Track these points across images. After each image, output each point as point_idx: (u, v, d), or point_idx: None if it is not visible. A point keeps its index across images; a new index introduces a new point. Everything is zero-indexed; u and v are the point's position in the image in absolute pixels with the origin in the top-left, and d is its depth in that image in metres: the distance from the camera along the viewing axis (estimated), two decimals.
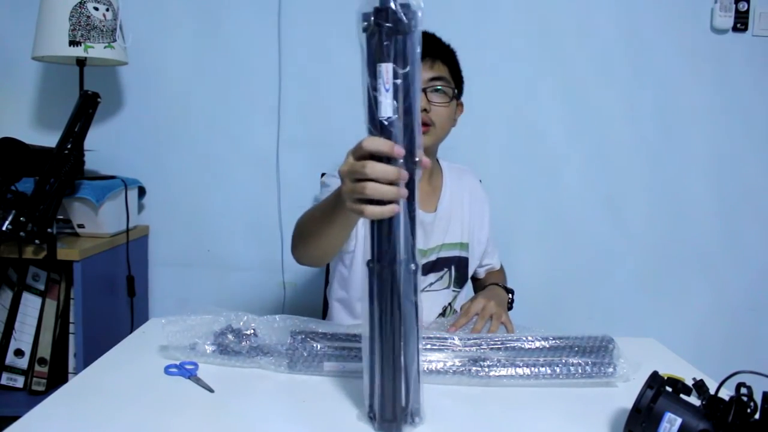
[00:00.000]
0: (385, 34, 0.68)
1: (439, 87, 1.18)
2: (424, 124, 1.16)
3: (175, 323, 0.95)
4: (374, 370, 0.76)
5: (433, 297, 1.27)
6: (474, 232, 1.33)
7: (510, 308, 1.26)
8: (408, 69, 0.69)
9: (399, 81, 0.69)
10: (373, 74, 0.69)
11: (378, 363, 0.75)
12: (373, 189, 0.69)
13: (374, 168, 0.69)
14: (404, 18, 0.68)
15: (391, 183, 0.70)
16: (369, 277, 0.74)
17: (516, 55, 1.87)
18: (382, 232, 0.72)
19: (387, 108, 0.69)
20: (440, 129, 1.20)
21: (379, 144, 0.69)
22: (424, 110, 1.16)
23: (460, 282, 1.31)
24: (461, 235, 1.30)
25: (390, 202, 0.70)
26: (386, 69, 0.68)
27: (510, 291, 1.30)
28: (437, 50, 1.21)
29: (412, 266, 0.73)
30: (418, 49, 0.70)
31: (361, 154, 0.70)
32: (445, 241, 1.27)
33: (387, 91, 0.68)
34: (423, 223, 1.25)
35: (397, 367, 0.75)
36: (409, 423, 0.76)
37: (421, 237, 1.24)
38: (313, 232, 0.95)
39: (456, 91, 1.22)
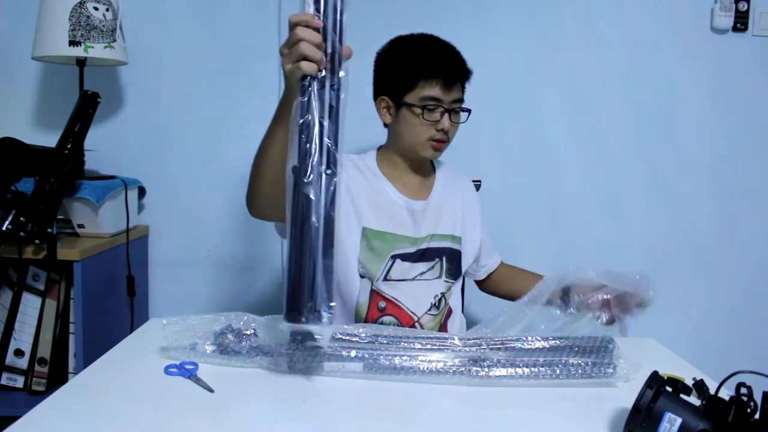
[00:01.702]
0: None
1: (459, 108, 1.26)
2: (441, 141, 1.25)
3: (175, 323, 0.95)
4: (291, 269, 0.83)
5: (424, 286, 1.27)
6: (467, 230, 1.35)
7: None
8: None
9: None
10: None
11: (291, 261, 0.83)
12: (305, 46, 0.84)
13: (303, 31, 0.84)
14: None
15: (317, 47, 0.84)
16: (294, 181, 0.83)
17: (516, 54, 1.87)
18: (303, 137, 0.84)
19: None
20: (450, 142, 1.27)
21: (303, 15, 0.85)
22: (445, 131, 1.23)
23: (453, 274, 1.31)
24: (453, 228, 1.32)
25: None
26: None
27: None
28: (463, 73, 1.26)
29: (327, 171, 0.83)
30: None
31: (293, 24, 0.85)
32: (437, 232, 1.29)
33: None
34: (414, 212, 1.27)
35: (305, 264, 0.82)
36: (315, 316, 0.81)
37: (411, 225, 1.27)
38: (262, 155, 1.01)
39: (468, 109, 1.28)
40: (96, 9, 1.59)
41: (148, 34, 1.81)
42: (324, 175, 0.83)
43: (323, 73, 0.85)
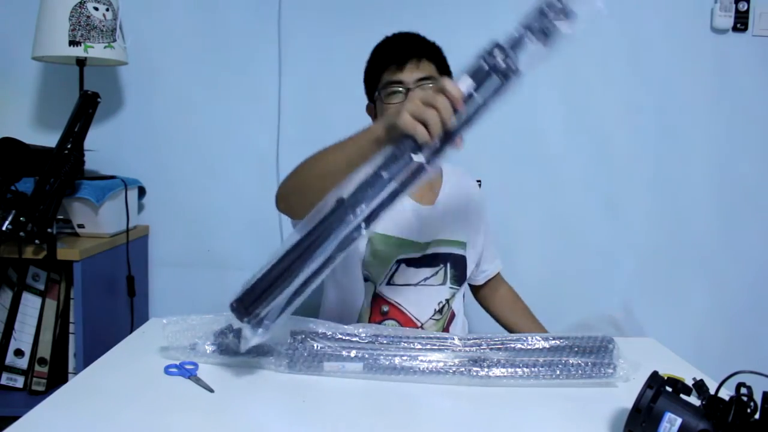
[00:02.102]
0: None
1: (429, 87, 1.18)
2: None
3: (175, 323, 0.95)
4: (271, 270, 0.81)
5: (427, 291, 1.26)
6: (471, 234, 1.33)
7: None
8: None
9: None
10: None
11: (277, 263, 0.81)
12: (434, 117, 0.80)
13: (444, 102, 0.81)
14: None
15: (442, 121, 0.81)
16: (333, 207, 0.82)
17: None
18: (369, 182, 0.81)
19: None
20: None
21: (455, 91, 0.81)
22: None
23: (458, 280, 1.30)
24: (459, 234, 1.30)
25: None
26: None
27: None
28: (421, 49, 1.22)
29: (356, 233, 0.82)
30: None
31: (438, 89, 0.82)
32: (442, 237, 1.27)
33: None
34: (421, 216, 1.26)
35: (284, 276, 0.81)
36: (256, 323, 0.81)
37: (417, 229, 1.25)
38: (322, 160, 1.00)
39: None
40: (96, 9, 1.59)
41: (148, 34, 1.81)
42: (353, 230, 0.82)
43: (427, 143, 0.82)
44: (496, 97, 0.84)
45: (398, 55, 1.20)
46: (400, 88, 1.19)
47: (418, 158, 0.82)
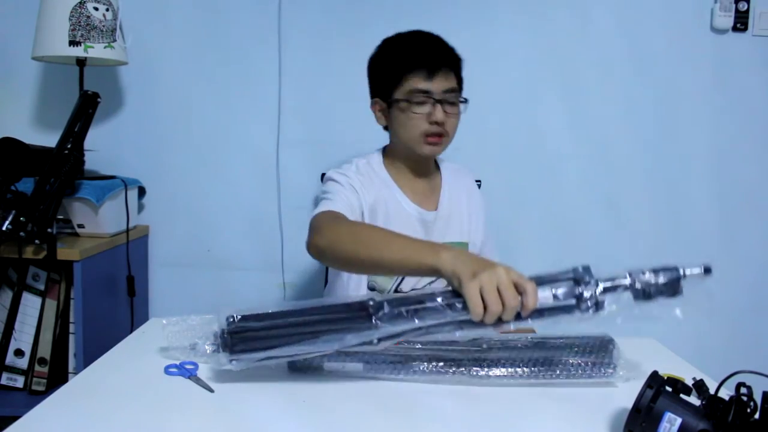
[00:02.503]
0: None
1: (453, 99, 1.19)
2: (439, 135, 1.19)
3: (175, 323, 0.95)
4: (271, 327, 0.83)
5: None
6: (472, 233, 1.33)
7: None
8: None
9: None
10: None
11: (278, 323, 0.83)
12: (498, 307, 0.76)
13: (516, 303, 0.77)
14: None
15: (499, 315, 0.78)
16: (361, 306, 0.81)
17: (516, 54, 1.87)
18: (399, 317, 0.80)
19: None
20: (451, 138, 1.22)
21: (533, 299, 0.78)
22: (440, 123, 1.17)
23: None
24: (461, 235, 1.30)
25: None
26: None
27: None
28: (451, 59, 1.22)
29: (373, 343, 0.81)
30: None
31: (514, 282, 0.78)
32: (446, 240, 1.27)
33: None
34: (425, 222, 1.25)
35: (281, 337, 0.82)
36: (232, 357, 0.82)
37: (422, 236, 1.24)
38: (372, 248, 0.94)
39: (464, 98, 1.23)
40: (96, 9, 1.59)
41: (148, 34, 1.81)
42: (365, 337, 0.81)
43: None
44: (561, 316, 0.81)
45: (428, 62, 1.17)
46: (428, 99, 1.17)
47: (456, 334, 0.82)
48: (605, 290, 0.80)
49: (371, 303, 0.81)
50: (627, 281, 0.80)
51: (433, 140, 1.19)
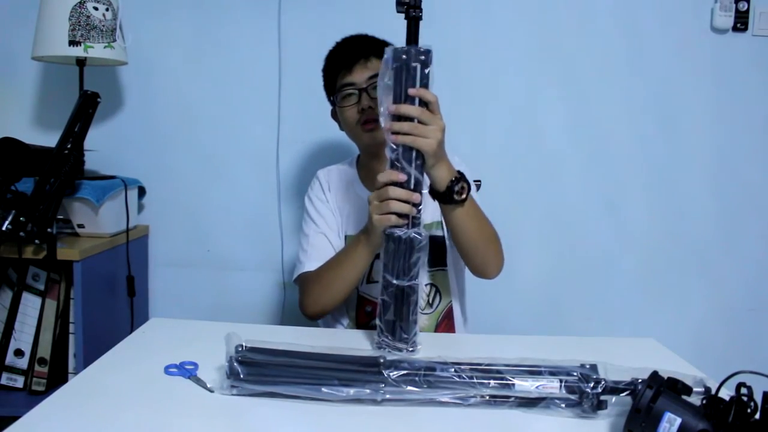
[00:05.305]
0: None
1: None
2: (373, 120, 1.21)
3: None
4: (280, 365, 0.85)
5: None
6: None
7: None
8: None
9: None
10: None
11: (288, 361, 0.86)
12: (396, 206, 0.93)
13: (395, 191, 0.94)
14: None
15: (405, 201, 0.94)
16: (374, 363, 0.85)
17: (516, 54, 1.87)
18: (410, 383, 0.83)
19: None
20: None
21: (390, 174, 0.94)
22: (370, 108, 1.21)
23: (436, 261, 1.26)
24: (432, 215, 1.24)
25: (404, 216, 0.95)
26: None
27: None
28: (366, 48, 1.25)
29: (377, 399, 0.82)
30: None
31: (382, 184, 0.95)
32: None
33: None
34: None
35: (288, 376, 0.83)
36: (233, 383, 0.83)
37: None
38: (336, 274, 1.14)
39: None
40: (96, 9, 1.59)
41: (148, 34, 1.81)
42: (372, 392, 0.81)
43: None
44: (558, 410, 0.81)
45: (346, 59, 1.24)
46: (353, 90, 1.23)
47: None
48: (610, 391, 0.79)
49: (384, 363, 0.82)
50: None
51: (368, 126, 1.23)
